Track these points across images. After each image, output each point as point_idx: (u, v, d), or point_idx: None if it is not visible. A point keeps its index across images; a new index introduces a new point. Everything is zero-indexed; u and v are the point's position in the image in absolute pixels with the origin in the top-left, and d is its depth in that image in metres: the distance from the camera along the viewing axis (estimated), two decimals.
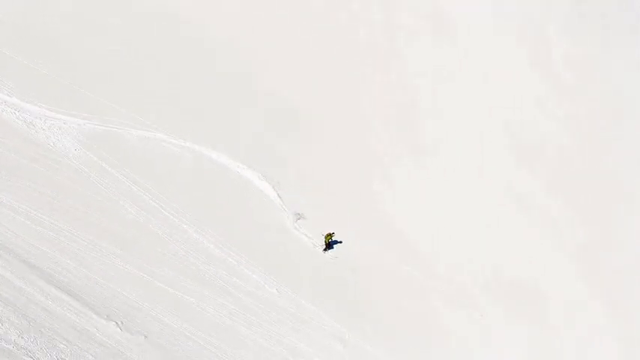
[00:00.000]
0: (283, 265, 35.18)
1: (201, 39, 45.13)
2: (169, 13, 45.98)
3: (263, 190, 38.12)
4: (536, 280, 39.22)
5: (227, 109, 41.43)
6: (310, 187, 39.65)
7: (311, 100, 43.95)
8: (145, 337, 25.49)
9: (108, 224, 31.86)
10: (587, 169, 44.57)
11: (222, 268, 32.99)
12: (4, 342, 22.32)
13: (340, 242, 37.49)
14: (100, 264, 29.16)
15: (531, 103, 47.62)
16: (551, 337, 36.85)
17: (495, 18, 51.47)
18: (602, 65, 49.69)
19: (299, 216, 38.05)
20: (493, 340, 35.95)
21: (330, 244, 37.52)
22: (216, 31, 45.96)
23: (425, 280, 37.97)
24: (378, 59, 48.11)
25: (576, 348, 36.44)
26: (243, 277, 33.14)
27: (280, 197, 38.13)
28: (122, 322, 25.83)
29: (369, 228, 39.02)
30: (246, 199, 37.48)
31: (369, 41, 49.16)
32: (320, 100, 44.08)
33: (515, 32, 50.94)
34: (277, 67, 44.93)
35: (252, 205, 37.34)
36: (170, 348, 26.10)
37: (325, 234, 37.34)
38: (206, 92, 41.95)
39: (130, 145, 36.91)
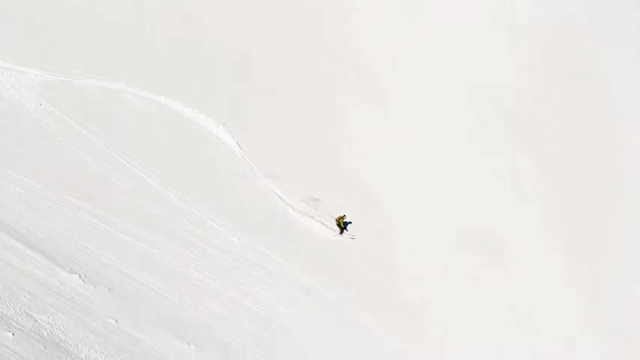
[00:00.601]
0: (247, 215, 35.64)
1: None
2: None
3: (224, 140, 38.35)
4: (499, 230, 40.19)
5: (188, 60, 41.35)
6: (272, 137, 39.96)
7: (271, 52, 44.02)
8: (109, 289, 25.58)
9: (70, 177, 31.62)
10: (548, 119, 45.36)
11: (185, 218, 33.10)
12: None
13: (350, 222, 38.13)
14: (63, 217, 28.98)
15: (490, 51, 48.13)
16: (513, 284, 37.97)
17: None
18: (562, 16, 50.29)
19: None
20: (453, 287, 36.99)
21: (343, 226, 38.26)
22: None
23: (388, 230, 38.76)
24: (337, 9, 48.10)
25: (536, 296, 37.60)
26: (205, 228, 33.40)
27: (240, 147, 38.40)
28: (85, 275, 25.94)
29: (332, 179, 39.55)
30: (207, 149, 37.71)
31: None
32: (280, 52, 44.15)
33: None
34: (234, 18, 44.77)
35: (213, 155, 37.60)
36: (133, 300, 26.15)
37: (336, 217, 37.98)
38: (167, 43, 41.80)
39: (91, 97, 36.68)
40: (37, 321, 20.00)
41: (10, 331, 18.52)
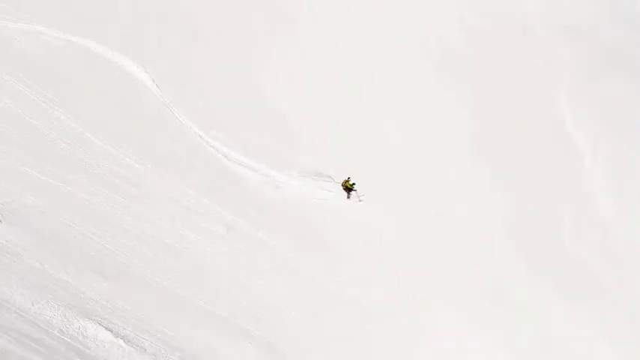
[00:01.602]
0: (167, 155, 36.11)
1: None
2: None
3: (143, 82, 38.49)
4: (430, 171, 41.43)
5: (107, 1, 40.95)
6: (192, 79, 40.16)
7: None
8: (33, 232, 25.95)
9: None
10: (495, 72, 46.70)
11: (104, 158, 33.56)
12: None
13: (354, 184, 39.14)
14: None
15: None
16: (456, 228, 39.59)
17: None
18: None
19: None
20: (361, 226, 38.37)
21: (350, 187, 39.24)
22: None
23: (309, 168, 39.70)
24: None
25: (475, 242, 39.41)
26: (125, 167, 33.91)
27: (159, 87, 38.70)
28: (8, 218, 26.34)
29: (253, 118, 40.11)
30: (127, 91, 37.63)
31: None
32: None
33: None
34: None
35: (132, 96, 37.54)
36: (60, 242, 26.68)
37: (342, 182, 39.02)
38: None
39: (6, 38, 36.34)
40: None
41: None
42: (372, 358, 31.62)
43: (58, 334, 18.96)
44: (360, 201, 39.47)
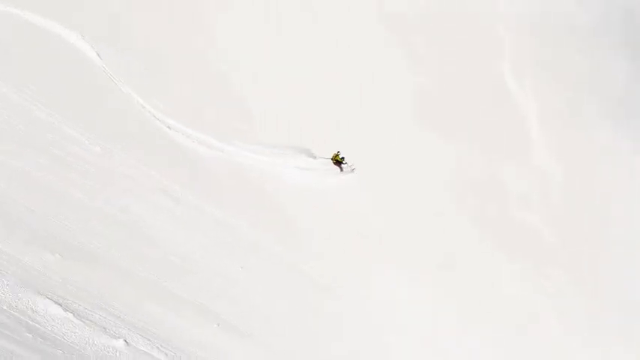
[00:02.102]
0: (112, 127, 36.00)
1: None
2: None
3: (85, 52, 38.19)
4: (376, 137, 41.99)
5: None
6: (135, 48, 39.95)
7: None
8: None
9: None
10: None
11: (49, 132, 33.17)
12: None
13: (344, 157, 40.34)
14: None
15: None
16: (407, 194, 40.24)
17: None
18: None
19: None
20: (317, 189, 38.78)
21: (341, 161, 39.34)
22: None
23: (255, 137, 39.94)
24: None
25: (425, 209, 40.03)
26: (70, 140, 33.55)
27: (100, 56, 38.36)
28: None
29: (202, 88, 40.13)
30: (69, 62, 37.44)
31: None
32: None
33: None
34: None
35: (75, 68, 37.38)
36: (5, 216, 26.23)
37: (332, 156, 39.71)
38: None
39: None
40: None
41: None
42: (328, 330, 31.90)
43: (6, 309, 18.74)
44: (352, 170, 39.99)
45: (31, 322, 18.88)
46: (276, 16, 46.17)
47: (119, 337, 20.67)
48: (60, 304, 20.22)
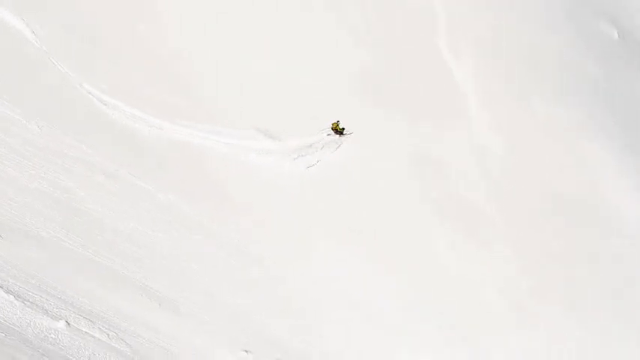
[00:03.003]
0: (46, 102, 36.03)
1: None
2: None
3: (17, 27, 37.87)
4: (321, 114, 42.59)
5: None
6: (70, 25, 39.70)
7: None
8: None
9: None
10: None
11: None
12: None
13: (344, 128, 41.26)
14: None
15: None
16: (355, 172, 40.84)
17: None
18: None
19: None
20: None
21: (340, 130, 39.76)
22: None
23: (195, 113, 40.14)
24: None
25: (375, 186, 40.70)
26: (3, 116, 33.48)
27: (35, 34, 38.11)
28: None
29: (141, 65, 40.14)
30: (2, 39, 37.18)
31: None
32: None
33: None
34: None
35: (9, 45, 37.12)
36: None
37: (332, 126, 41.12)
38: None
39: None
40: None
41: None
42: (268, 307, 32.44)
43: None
44: (351, 133, 41.13)
45: None
46: None
47: (60, 319, 20.86)
48: (1, 287, 20.42)
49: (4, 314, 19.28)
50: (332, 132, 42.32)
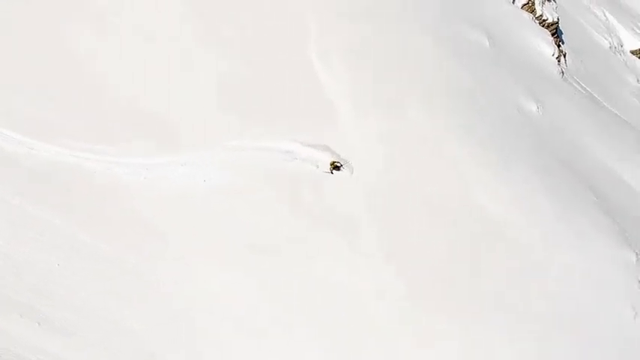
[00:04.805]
0: None
1: None
2: None
3: None
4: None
5: None
6: None
7: None
8: None
9: None
10: None
11: None
12: None
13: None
14: None
15: None
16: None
17: None
18: None
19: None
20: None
21: (338, 167, 42.48)
22: None
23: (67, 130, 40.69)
24: None
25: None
26: None
27: None
28: None
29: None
30: None
31: None
32: None
33: None
34: None
35: None
36: None
37: (331, 164, 43.49)
38: None
39: None
40: None
41: None
42: (146, 326, 33.21)
43: None
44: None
45: None
46: None
47: None
48: None
49: None
50: (329, 170, 44.38)
